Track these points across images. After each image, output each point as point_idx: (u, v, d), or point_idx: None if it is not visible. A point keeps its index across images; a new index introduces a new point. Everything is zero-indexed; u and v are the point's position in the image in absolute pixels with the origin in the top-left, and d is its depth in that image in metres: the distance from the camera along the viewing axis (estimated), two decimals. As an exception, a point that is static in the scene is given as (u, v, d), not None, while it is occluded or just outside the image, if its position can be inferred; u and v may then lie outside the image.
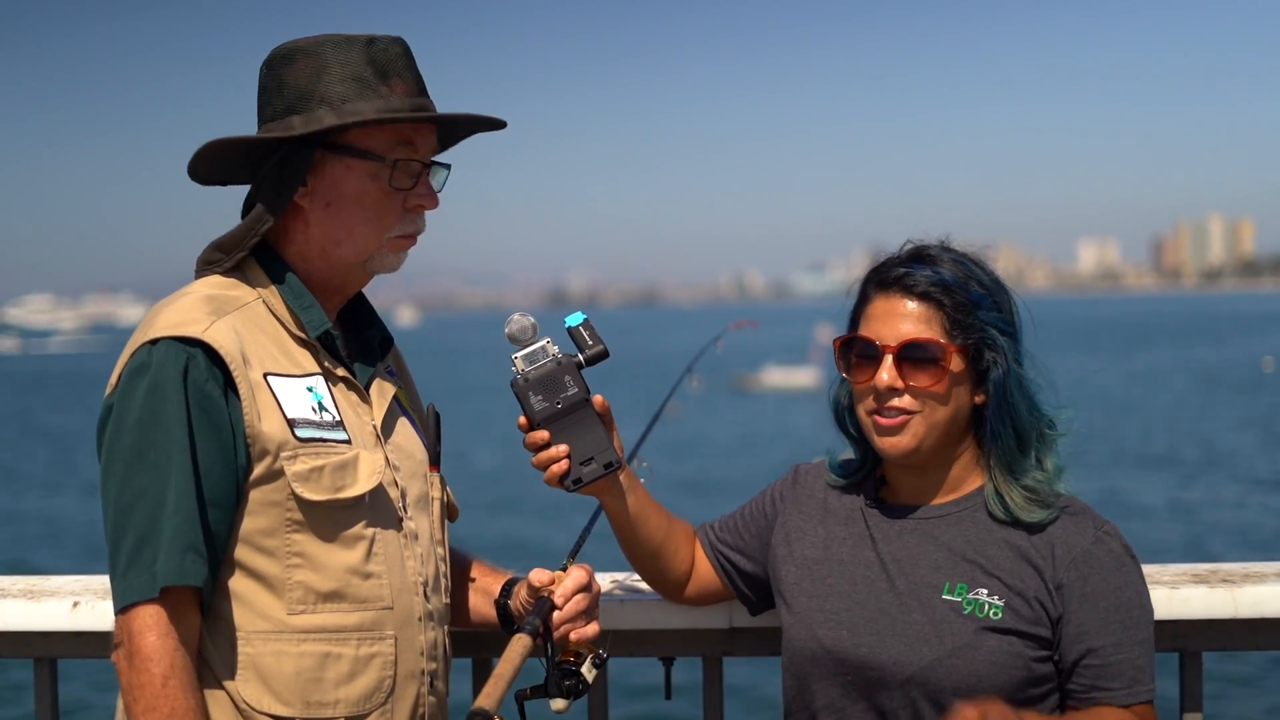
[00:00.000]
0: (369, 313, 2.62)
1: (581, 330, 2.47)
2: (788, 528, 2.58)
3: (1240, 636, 2.87)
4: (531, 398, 2.43)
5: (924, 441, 2.39)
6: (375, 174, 2.40)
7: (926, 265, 2.40)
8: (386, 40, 2.42)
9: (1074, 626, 2.31)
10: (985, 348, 2.36)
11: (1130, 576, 2.35)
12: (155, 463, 2.22)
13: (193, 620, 2.25)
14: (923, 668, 2.31)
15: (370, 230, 2.43)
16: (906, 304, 2.39)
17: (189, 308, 2.33)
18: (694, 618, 2.87)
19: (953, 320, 2.36)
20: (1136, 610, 2.33)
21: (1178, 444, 36.89)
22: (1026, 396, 2.39)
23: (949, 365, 2.35)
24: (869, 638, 2.37)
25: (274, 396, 2.32)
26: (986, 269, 2.43)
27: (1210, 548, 20.74)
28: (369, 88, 2.37)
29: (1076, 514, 2.39)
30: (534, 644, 2.36)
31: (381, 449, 2.45)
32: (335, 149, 2.38)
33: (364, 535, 2.38)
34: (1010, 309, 2.43)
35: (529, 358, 2.44)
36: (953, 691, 2.28)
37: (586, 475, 2.45)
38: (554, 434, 2.43)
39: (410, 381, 2.76)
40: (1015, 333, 2.41)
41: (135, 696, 2.18)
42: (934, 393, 2.36)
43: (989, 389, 2.37)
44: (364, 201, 2.41)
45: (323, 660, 2.32)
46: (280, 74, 2.40)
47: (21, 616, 2.95)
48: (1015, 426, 2.37)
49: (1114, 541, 2.36)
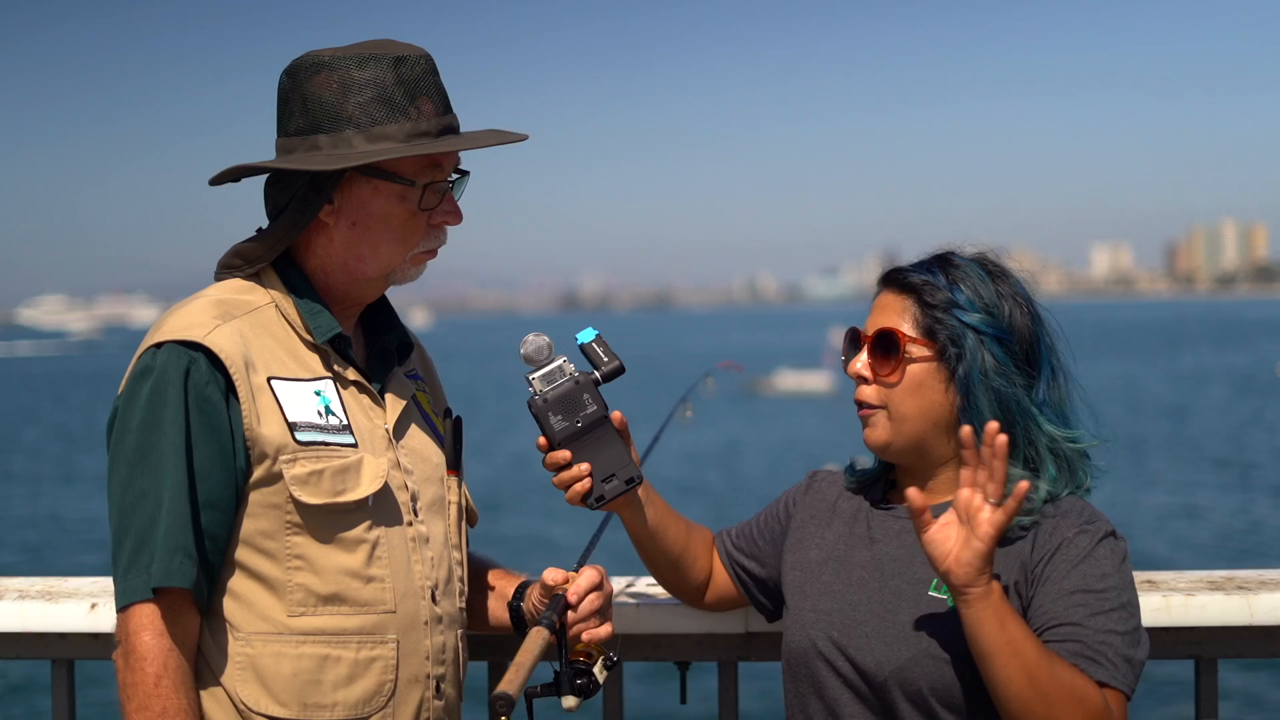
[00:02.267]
0: (390, 317, 2.62)
1: (595, 346, 2.47)
2: (799, 534, 2.59)
3: (1256, 644, 2.87)
4: (551, 418, 2.43)
5: (895, 436, 2.39)
6: (404, 196, 2.41)
7: (934, 266, 2.41)
8: (414, 58, 2.41)
9: (1037, 607, 2.25)
10: (950, 344, 2.35)
11: (1102, 566, 2.26)
12: (155, 465, 2.24)
13: (189, 621, 2.27)
14: (900, 666, 2.29)
15: (395, 249, 2.44)
16: (891, 297, 2.42)
17: (197, 312, 2.35)
18: (710, 622, 2.88)
19: (928, 316, 2.37)
20: (1108, 602, 2.22)
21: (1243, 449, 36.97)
22: (1006, 402, 2.33)
23: (907, 354, 2.36)
24: (857, 639, 2.36)
25: (276, 400, 2.33)
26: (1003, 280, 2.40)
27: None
28: (398, 109, 2.37)
29: (1070, 512, 2.34)
30: (549, 639, 2.36)
31: (392, 452, 2.46)
32: (365, 171, 2.38)
33: (366, 539, 2.38)
34: (1017, 322, 2.38)
35: (546, 378, 2.44)
36: (930, 690, 2.27)
37: (609, 492, 2.45)
38: (575, 453, 2.43)
39: (437, 385, 2.77)
40: (1009, 341, 2.35)
41: (129, 695, 2.21)
42: (892, 383, 2.37)
43: (957, 387, 2.36)
44: (391, 222, 2.42)
45: (321, 663, 2.33)
46: (304, 88, 2.39)
47: (40, 618, 2.96)
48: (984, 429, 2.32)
49: (1098, 534, 2.29)
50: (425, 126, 2.39)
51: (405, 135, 2.37)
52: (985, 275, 2.40)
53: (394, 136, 2.36)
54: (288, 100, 2.43)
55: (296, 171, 2.38)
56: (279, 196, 2.43)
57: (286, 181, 2.41)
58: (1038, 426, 2.35)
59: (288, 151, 2.41)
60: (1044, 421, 2.36)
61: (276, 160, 2.42)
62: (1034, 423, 2.35)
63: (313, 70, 2.40)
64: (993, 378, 2.33)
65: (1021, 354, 2.37)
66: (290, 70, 2.44)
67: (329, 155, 2.36)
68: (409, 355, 2.64)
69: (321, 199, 2.39)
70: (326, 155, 2.36)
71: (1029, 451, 2.36)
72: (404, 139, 2.37)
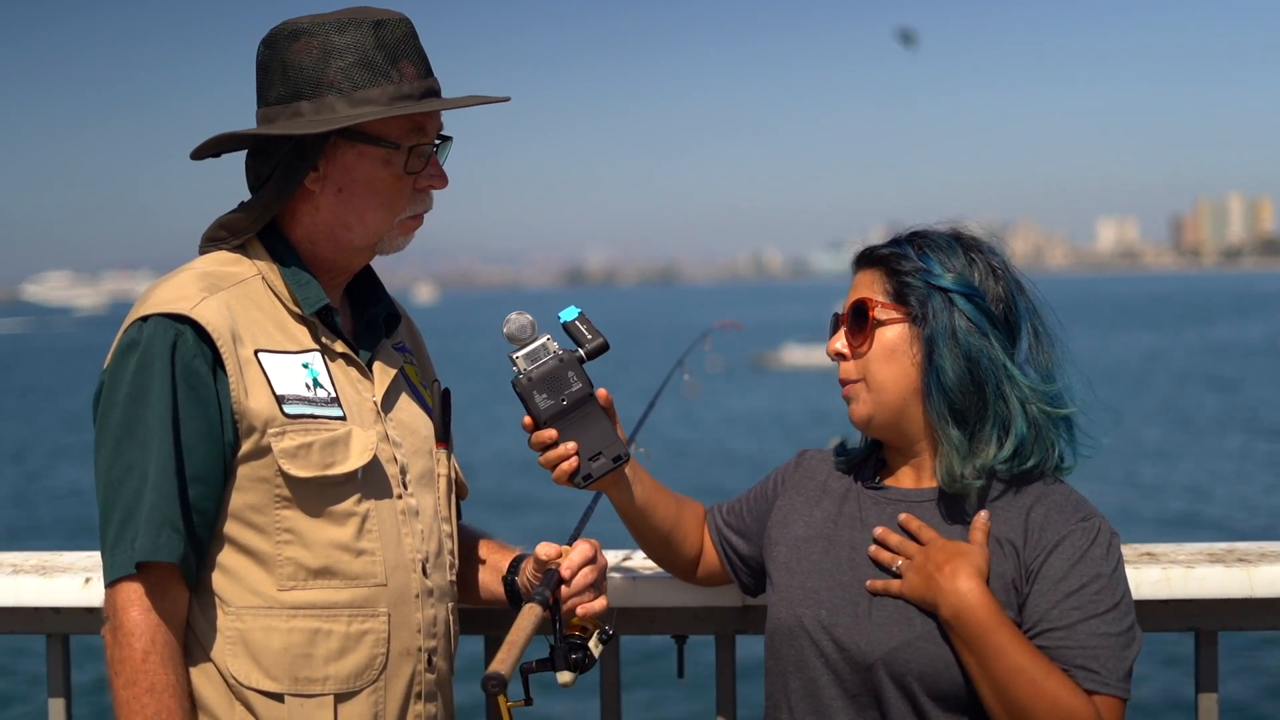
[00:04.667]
0: (377, 289, 2.61)
1: (578, 324, 2.47)
2: (785, 510, 2.57)
3: (1256, 616, 2.86)
4: (536, 396, 2.42)
5: (876, 409, 2.37)
6: (389, 160, 2.40)
7: (903, 240, 2.41)
8: (394, 21, 2.40)
9: (1031, 608, 2.24)
10: (918, 306, 2.33)
11: (1099, 566, 2.25)
12: (142, 439, 2.23)
13: (178, 596, 2.27)
14: (891, 649, 2.27)
15: (382, 214, 2.43)
16: (864, 274, 2.43)
17: (182, 284, 2.34)
18: (707, 596, 2.87)
19: (897, 281, 2.36)
20: (1104, 604, 2.22)
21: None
22: (975, 358, 2.30)
23: (877, 320, 2.35)
24: (845, 619, 2.34)
25: (264, 373, 2.32)
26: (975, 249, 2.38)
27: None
28: (379, 73, 2.36)
29: (1062, 502, 2.32)
30: (543, 615, 2.35)
31: (380, 425, 2.45)
32: (349, 136, 2.37)
33: (356, 511, 2.37)
34: (989, 285, 2.35)
35: (530, 356, 2.43)
36: (918, 676, 2.25)
37: (596, 470, 2.44)
38: (561, 431, 2.43)
39: (426, 357, 2.75)
40: (980, 300, 2.32)
41: (117, 670, 2.21)
42: (864, 352, 2.36)
43: (922, 346, 2.34)
44: (377, 187, 2.40)
45: (312, 636, 2.32)
46: (283, 55, 2.37)
47: (34, 592, 2.96)
48: (945, 389, 2.31)
49: (1092, 531, 2.28)
50: (408, 89, 2.38)
51: (388, 98, 2.36)
52: (954, 244, 2.38)
53: (377, 100, 2.35)
54: (267, 69, 2.41)
55: (280, 139, 2.36)
56: (261, 167, 2.41)
57: (269, 151, 2.39)
58: (1010, 380, 2.32)
59: (269, 120, 2.39)
60: (1019, 376, 2.33)
61: (259, 128, 2.39)
62: (1007, 376, 2.32)
63: (291, 38, 2.38)
64: (964, 337, 2.31)
65: (1000, 315, 2.35)
66: (268, 40, 2.41)
67: (312, 121, 2.34)
68: (396, 327, 2.63)
69: (306, 166, 2.37)
70: (309, 121, 2.34)
71: (999, 407, 2.32)
72: (387, 102, 2.35)
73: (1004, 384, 2.32)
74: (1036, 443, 2.34)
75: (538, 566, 2.51)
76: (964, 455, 2.32)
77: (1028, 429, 2.32)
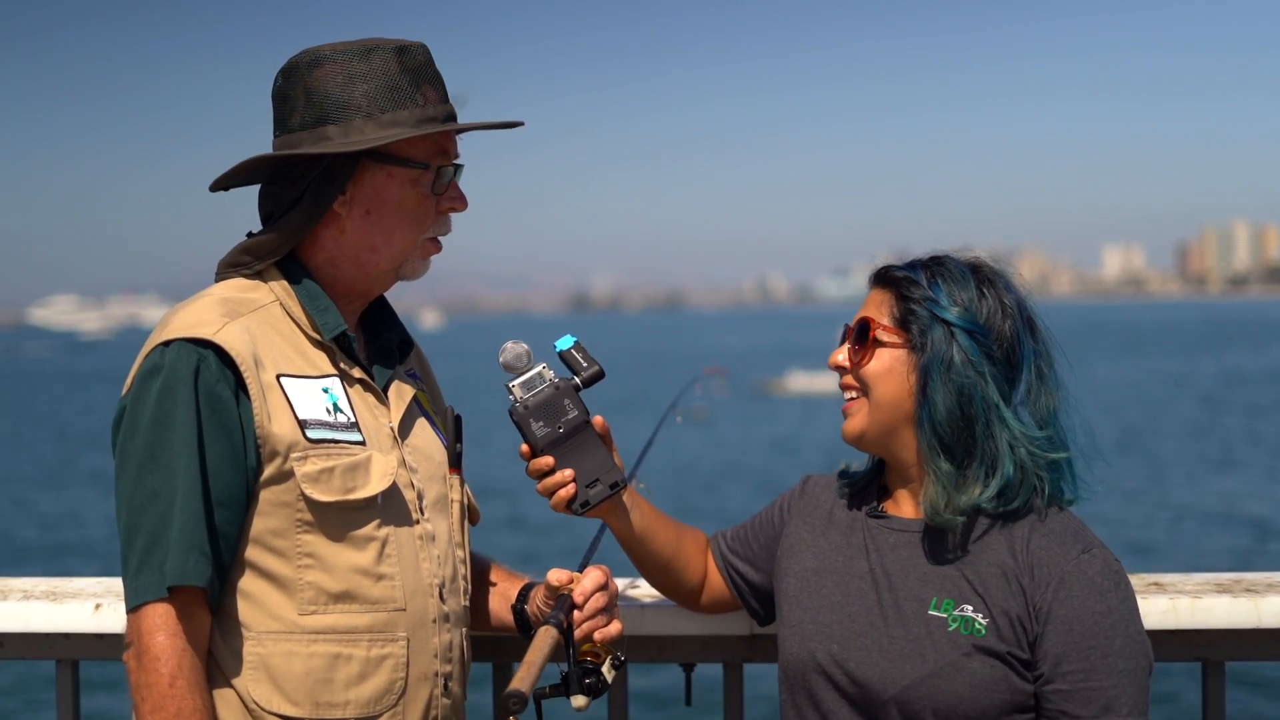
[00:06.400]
0: (389, 315, 2.63)
1: (574, 353, 2.50)
2: (792, 539, 2.57)
3: (1264, 647, 2.85)
4: (532, 424, 2.45)
5: (869, 425, 2.39)
6: (418, 180, 2.43)
7: (920, 265, 2.42)
8: (415, 47, 2.45)
9: (1045, 649, 2.24)
10: (920, 335, 2.34)
11: (1109, 602, 2.25)
12: (166, 464, 2.23)
13: (202, 620, 2.27)
14: (905, 686, 2.27)
15: (408, 234, 2.45)
16: (876, 293, 2.45)
17: (203, 310, 2.35)
18: (715, 624, 2.87)
19: (903, 307, 2.38)
20: (1118, 639, 2.23)
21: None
22: (968, 394, 2.30)
23: (878, 340, 2.37)
24: (857, 652, 2.34)
25: (286, 398, 2.33)
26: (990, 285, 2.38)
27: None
28: (405, 96, 2.40)
29: (1061, 532, 2.32)
30: (558, 639, 2.35)
31: (398, 450, 2.46)
32: (377, 158, 2.40)
33: (376, 536, 2.38)
34: (996, 322, 2.35)
35: (526, 384, 2.46)
36: (933, 712, 2.25)
37: (594, 497, 2.46)
38: (558, 459, 2.45)
39: (434, 384, 2.77)
40: (983, 338, 2.32)
41: (143, 696, 2.21)
42: (861, 368, 2.38)
43: (917, 375, 2.35)
44: (405, 207, 2.43)
45: (333, 661, 2.33)
46: (306, 82, 2.40)
47: (44, 618, 2.96)
48: (935, 421, 2.31)
49: (1097, 563, 2.28)
50: (433, 112, 2.42)
51: (415, 120, 2.40)
52: (969, 276, 2.38)
53: (405, 122, 2.39)
54: (287, 97, 2.43)
55: (309, 163, 2.38)
56: (285, 193, 2.43)
57: (294, 176, 2.41)
58: (1001, 422, 2.31)
59: (293, 147, 2.41)
60: (1010, 418, 2.32)
61: (300, 148, 2.39)
62: (998, 416, 2.31)
63: (313, 65, 2.41)
64: (958, 371, 2.31)
65: (1000, 354, 2.34)
66: (286, 69, 2.44)
67: (342, 143, 2.37)
68: (409, 353, 2.65)
69: (335, 189, 2.40)
70: (339, 144, 2.37)
71: (988, 446, 2.32)
72: (414, 124, 2.39)
73: (994, 424, 2.32)
74: (1022, 485, 2.33)
75: (549, 593, 2.52)
76: (950, 490, 2.32)
77: (1014, 471, 2.32)
